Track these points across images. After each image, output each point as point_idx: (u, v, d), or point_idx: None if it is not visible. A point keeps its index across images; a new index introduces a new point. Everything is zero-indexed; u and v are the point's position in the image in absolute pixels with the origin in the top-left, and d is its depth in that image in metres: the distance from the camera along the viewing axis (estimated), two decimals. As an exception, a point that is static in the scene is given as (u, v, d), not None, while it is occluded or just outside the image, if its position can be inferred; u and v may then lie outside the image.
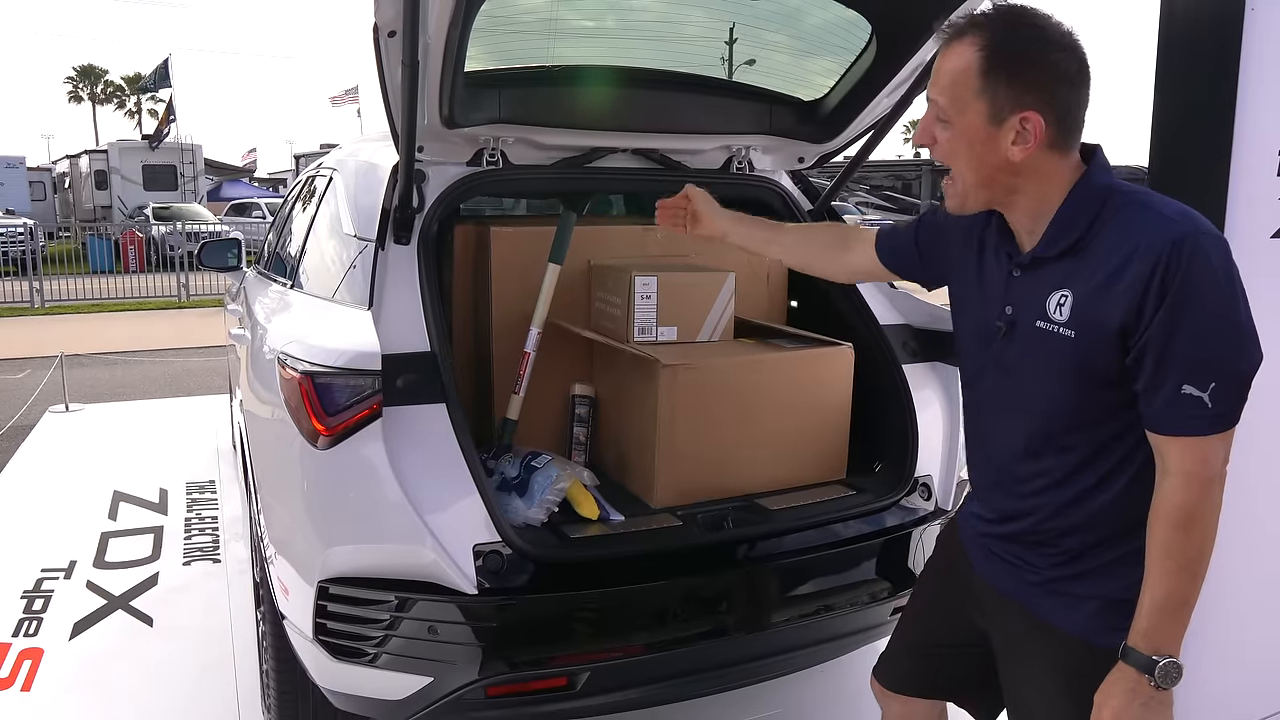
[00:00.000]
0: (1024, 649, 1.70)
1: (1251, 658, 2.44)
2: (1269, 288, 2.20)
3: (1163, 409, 1.43)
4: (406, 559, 2.18)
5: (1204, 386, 1.39)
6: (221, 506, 5.07)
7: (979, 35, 1.47)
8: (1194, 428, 1.42)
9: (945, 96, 1.51)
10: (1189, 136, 2.12)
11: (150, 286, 15.65)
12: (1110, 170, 1.54)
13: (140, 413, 7.37)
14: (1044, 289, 1.53)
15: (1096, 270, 1.46)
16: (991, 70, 1.46)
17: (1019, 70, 1.45)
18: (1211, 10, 2.03)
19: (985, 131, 1.48)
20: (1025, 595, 1.67)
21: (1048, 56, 1.46)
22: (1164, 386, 1.42)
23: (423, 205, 2.57)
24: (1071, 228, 1.50)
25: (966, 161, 1.53)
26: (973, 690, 1.93)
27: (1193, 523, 1.44)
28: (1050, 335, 1.52)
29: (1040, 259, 1.54)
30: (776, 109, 2.98)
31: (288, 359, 2.30)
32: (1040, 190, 1.52)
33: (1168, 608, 1.46)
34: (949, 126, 1.52)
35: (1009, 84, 1.45)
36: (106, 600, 3.90)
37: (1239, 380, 1.43)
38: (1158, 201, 1.48)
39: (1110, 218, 1.47)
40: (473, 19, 2.28)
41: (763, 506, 2.57)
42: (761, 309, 3.16)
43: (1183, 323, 1.39)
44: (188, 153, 26.92)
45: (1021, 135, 1.47)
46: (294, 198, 4.22)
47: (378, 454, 2.16)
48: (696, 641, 2.35)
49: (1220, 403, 1.40)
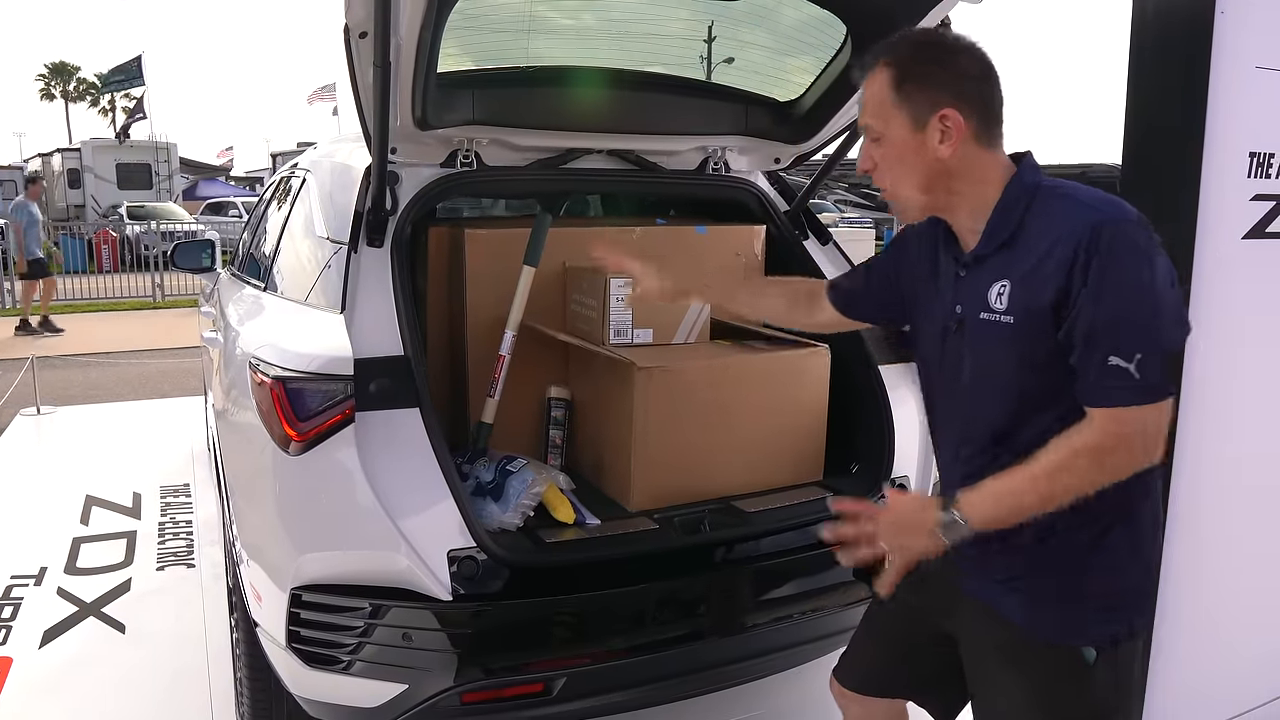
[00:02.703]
0: (988, 648, 1.71)
1: (1231, 652, 2.46)
2: (1241, 288, 2.22)
3: (1092, 382, 1.48)
4: (380, 565, 2.16)
5: (1129, 358, 1.44)
6: (196, 510, 5.02)
7: (888, 58, 1.62)
8: (1121, 398, 1.46)
9: (871, 117, 1.64)
10: (1160, 138, 2.13)
11: (124, 287, 15.47)
12: (1039, 170, 1.63)
13: (113, 415, 7.29)
14: (986, 282, 1.60)
15: (1027, 257, 1.54)
16: (904, 82, 1.59)
17: (927, 76, 1.59)
18: (1182, 13, 2.04)
19: (912, 138, 1.60)
20: (989, 594, 1.69)
21: (952, 60, 1.60)
22: (1092, 359, 1.47)
23: (396, 207, 2.56)
24: (1006, 222, 1.58)
25: (904, 171, 1.63)
26: (933, 689, 1.96)
27: (1085, 467, 1.48)
28: (993, 324, 1.59)
29: (982, 255, 1.62)
30: (752, 110, 2.98)
31: (260, 364, 2.28)
32: (977, 190, 1.61)
33: (1003, 501, 1.54)
34: (881, 143, 1.64)
35: (921, 90, 1.58)
36: (78, 607, 3.85)
37: (1164, 352, 1.47)
38: (1082, 192, 1.56)
39: (1039, 209, 1.56)
40: (445, 20, 2.26)
41: (740, 509, 2.56)
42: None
43: (1106, 297, 1.45)
44: (162, 151, 26.65)
45: (945, 133, 1.58)
46: (268, 198, 4.19)
47: (351, 459, 2.15)
48: (674, 645, 2.35)
49: (1147, 374, 1.44)
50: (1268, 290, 2.28)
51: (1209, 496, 2.28)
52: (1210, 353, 2.17)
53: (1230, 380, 2.26)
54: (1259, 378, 2.34)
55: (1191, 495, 2.23)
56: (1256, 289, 2.25)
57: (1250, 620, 2.49)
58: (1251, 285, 2.23)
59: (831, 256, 3.12)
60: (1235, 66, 2.06)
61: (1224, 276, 2.16)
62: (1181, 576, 2.25)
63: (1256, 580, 2.47)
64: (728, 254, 3.14)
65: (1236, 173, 2.15)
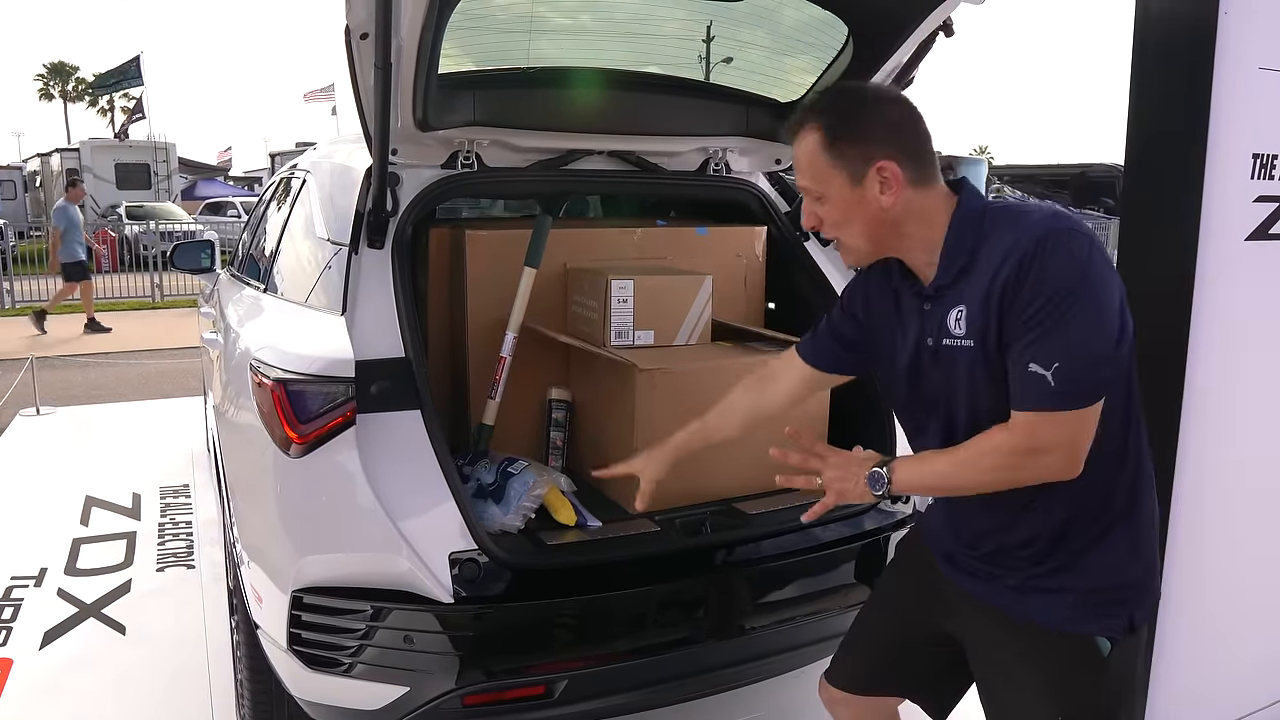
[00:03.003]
0: (1003, 650, 1.73)
1: (1232, 655, 2.46)
2: (1244, 289, 2.22)
3: (1014, 387, 1.51)
4: (381, 568, 2.15)
5: (1048, 365, 1.46)
6: (196, 511, 5.01)
7: (814, 119, 1.64)
8: (1035, 403, 1.49)
9: (808, 180, 1.66)
10: (1163, 140, 2.13)
11: (123, 287, 15.43)
12: (980, 195, 1.66)
13: (113, 415, 7.28)
14: (947, 310, 1.62)
15: (980, 280, 1.56)
16: (835, 142, 1.61)
17: (856, 132, 1.61)
18: (1185, 14, 2.04)
19: (853, 194, 1.62)
20: (1003, 600, 1.71)
21: (877, 112, 1.63)
22: (1017, 365, 1.50)
23: (397, 209, 2.55)
24: (960, 251, 1.61)
25: (852, 225, 1.66)
26: (928, 687, 1.98)
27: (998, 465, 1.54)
28: (956, 349, 1.61)
29: (941, 287, 1.64)
30: (753, 110, 2.97)
31: (260, 366, 2.27)
32: (924, 229, 1.64)
33: (925, 477, 1.66)
34: (824, 202, 1.66)
35: (853, 146, 1.60)
36: (78, 608, 3.84)
37: (1086, 363, 1.47)
38: (1030, 210, 1.60)
39: (990, 233, 1.58)
40: (446, 21, 2.26)
41: (741, 511, 2.55)
42: (739, 312, 3.15)
43: (1034, 305, 1.47)
44: (161, 151, 26.60)
45: (885, 183, 1.60)
46: (268, 199, 4.18)
47: (352, 462, 2.14)
48: (676, 648, 2.34)
49: (1063, 382, 1.46)
50: (1271, 293, 2.28)
51: (1211, 500, 2.28)
52: (1213, 355, 2.17)
53: (1233, 383, 2.26)
54: (1261, 380, 2.34)
55: (1194, 499, 2.23)
56: (1259, 291, 2.25)
57: (1252, 623, 2.49)
58: (1254, 288, 2.23)
59: (832, 257, 3.11)
60: (1238, 68, 2.05)
61: (1227, 279, 2.16)
62: (1184, 579, 2.25)
63: (1258, 584, 2.47)
64: (728, 255, 3.14)
65: (1240, 174, 2.15)
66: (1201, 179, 2.08)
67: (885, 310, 1.79)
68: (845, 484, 1.71)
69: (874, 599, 2.12)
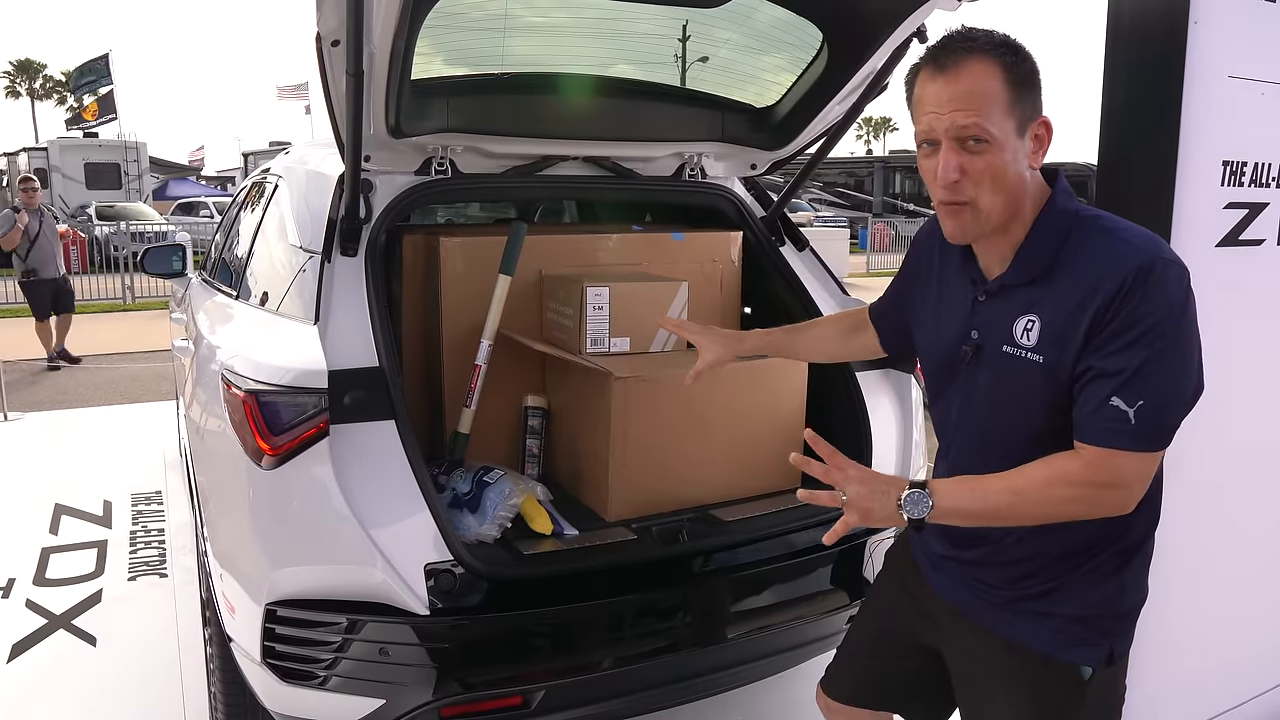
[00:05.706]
0: (985, 667, 1.71)
1: (1209, 652, 2.48)
2: (1215, 295, 2.23)
3: (1088, 415, 1.44)
4: (356, 580, 2.13)
5: (1132, 402, 1.40)
6: (168, 517, 4.95)
7: (992, 51, 1.45)
8: (1111, 440, 1.42)
9: (979, 114, 1.43)
10: (1135, 148, 2.14)
11: (93, 288, 15.25)
12: (1073, 194, 1.55)
13: (83, 421, 7.18)
14: (1011, 314, 1.54)
15: (1065, 295, 1.47)
16: (1016, 82, 1.44)
17: (1033, 78, 1.47)
18: (1156, 23, 2.05)
19: (1016, 145, 1.46)
20: (988, 616, 1.69)
21: (1036, 66, 1.48)
22: (1095, 396, 1.43)
23: (370, 216, 2.53)
24: (1041, 255, 1.51)
25: (999, 184, 1.47)
26: (918, 701, 1.97)
27: (1059, 498, 1.45)
28: (1017, 359, 1.53)
29: (1009, 285, 1.55)
30: (728, 116, 2.97)
31: (232, 376, 2.25)
32: (1025, 211, 1.52)
33: (974, 502, 1.49)
34: (986, 148, 1.44)
35: (1029, 92, 1.46)
36: (47, 619, 3.78)
37: (1169, 406, 1.43)
38: (1123, 227, 1.49)
39: (1078, 244, 1.48)
40: (418, 28, 2.24)
41: (718, 518, 2.55)
42: (715, 317, 3.14)
43: (1126, 338, 1.40)
44: (132, 150, 26.31)
45: (1039, 144, 1.48)
46: (240, 204, 4.13)
47: (325, 473, 2.12)
48: (653, 656, 2.33)
49: (1144, 423, 1.40)
50: (1241, 298, 2.30)
51: (1178, 503, 2.29)
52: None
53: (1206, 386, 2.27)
54: (1232, 385, 2.36)
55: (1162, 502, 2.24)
56: (1230, 296, 2.26)
57: (1228, 620, 2.51)
58: (1225, 292, 2.25)
59: (809, 263, 3.12)
60: (1209, 76, 2.07)
61: (1198, 285, 2.16)
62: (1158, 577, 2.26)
63: (1233, 581, 2.49)
64: (704, 260, 3.14)
65: (1210, 181, 2.17)
66: (1173, 186, 2.09)
67: (928, 285, 1.71)
68: (871, 503, 1.50)
69: (865, 612, 2.08)
